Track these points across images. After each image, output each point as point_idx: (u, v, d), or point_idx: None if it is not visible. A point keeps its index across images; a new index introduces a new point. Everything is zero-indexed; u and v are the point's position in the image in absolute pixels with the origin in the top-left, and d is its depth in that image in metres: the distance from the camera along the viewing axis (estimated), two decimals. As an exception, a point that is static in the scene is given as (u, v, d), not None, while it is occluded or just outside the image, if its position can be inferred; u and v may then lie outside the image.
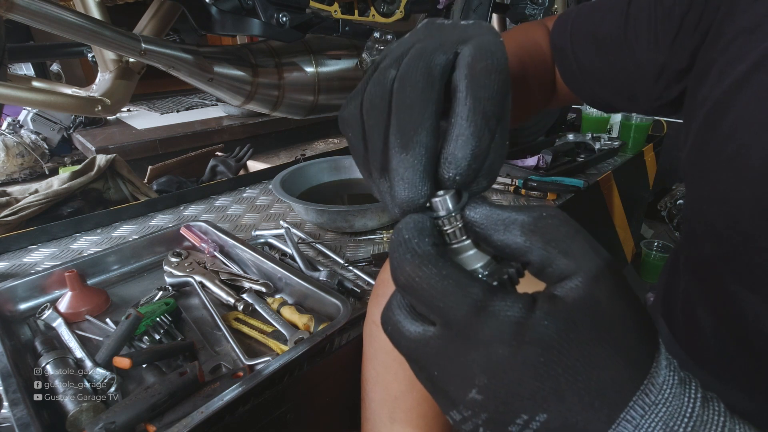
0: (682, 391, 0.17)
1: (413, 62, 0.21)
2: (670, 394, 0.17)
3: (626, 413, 0.16)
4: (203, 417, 0.41)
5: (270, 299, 0.62)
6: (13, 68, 2.00)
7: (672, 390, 0.17)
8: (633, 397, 0.16)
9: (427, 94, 0.20)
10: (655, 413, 0.16)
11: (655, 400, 0.17)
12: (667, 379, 0.17)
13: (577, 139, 1.27)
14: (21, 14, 0.57)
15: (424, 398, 0.42)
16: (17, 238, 0.80)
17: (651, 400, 0.17)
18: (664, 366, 0.17)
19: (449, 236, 0.21)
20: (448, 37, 0.22)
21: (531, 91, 0.48)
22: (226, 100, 0.87)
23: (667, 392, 0.17)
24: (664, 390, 0.17)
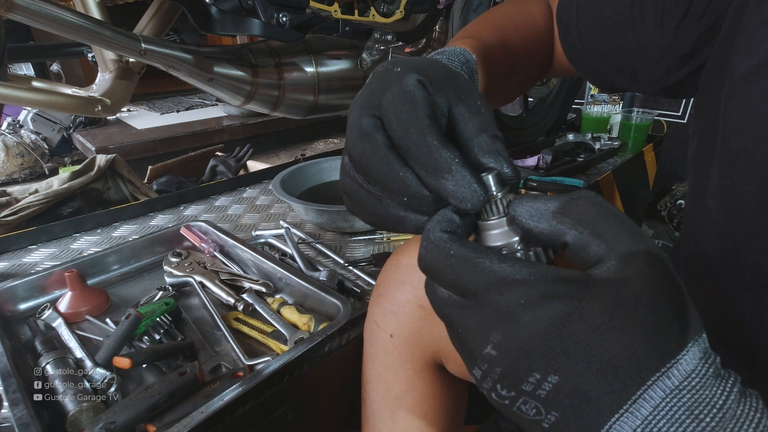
0: (716, 383, 0.17)
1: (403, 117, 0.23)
2: (699, 384, 0.16)
3: (644, 392, 0.16)
4: (203, 417, 0.41)
5: (270, 299, 0.61)
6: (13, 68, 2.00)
7: (702, 380, 0.16)
8: (651, 378, 0.16)
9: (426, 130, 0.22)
10: (678, 398, 0.16)
11: (679, 386, 0.16)
12: (699, 369, 0.17)
13: (577, 139, 1.27)
14: (21, 14, 0.57)
15: (425, 398, 0.42)
16: (17, 238, 0.80)
17: (674, 384, 0.16)
18: (698, 357, 0.17)
19: (487, 212, 0.22)
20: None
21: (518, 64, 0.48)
22: (226, 100, 0.87)
23: (695, 381, 0.16)
24: (692, 378, 0.16)
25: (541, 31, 0.49)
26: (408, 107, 0.23)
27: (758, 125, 0.29)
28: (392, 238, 0.81)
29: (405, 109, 0.23)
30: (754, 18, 0.30)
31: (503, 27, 0.47)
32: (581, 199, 0.20)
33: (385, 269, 0.43)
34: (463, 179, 0.21)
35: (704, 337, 0.18)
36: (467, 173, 0.21)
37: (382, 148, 0.23)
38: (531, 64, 0.50)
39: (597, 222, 0.19)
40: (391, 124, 0.23)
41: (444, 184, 0.21)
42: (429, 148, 0.22)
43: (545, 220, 0.20)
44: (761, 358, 0.33)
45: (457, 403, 0.45)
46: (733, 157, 0.31)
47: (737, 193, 0.31)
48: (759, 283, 0.31)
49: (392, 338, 0.42)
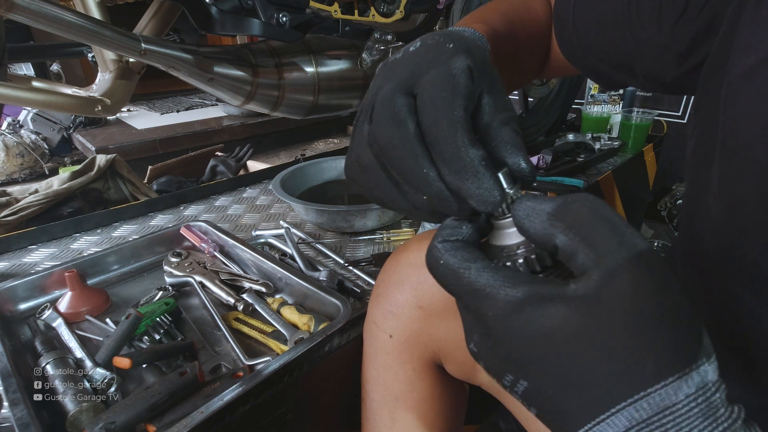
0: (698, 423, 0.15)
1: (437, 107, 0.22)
2: (673, 422, 0.16)
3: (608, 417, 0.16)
4: (203, 417, 0.41)
5: (270, 299, 0.61)
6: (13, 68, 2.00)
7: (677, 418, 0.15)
8: (618, 405, 0.16)
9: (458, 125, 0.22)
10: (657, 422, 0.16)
11: (647, 419, 0.16)
12: (682, 404, 0.16)
13: (577, 139, 1.27)
14: (21, 14, 0.57)
15: (424, 398, 0.42)
16: (17, 238, 0.80)
17: (641, 416, 0.16)
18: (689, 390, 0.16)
19: (497, 212, 0.23)
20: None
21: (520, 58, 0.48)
22: (226, 100, 0.87)
23: (667, 418, 0.15)
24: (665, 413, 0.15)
25: (542, 25, 0.49)
26: (447, 95, 0.22)
27: (757, 124, 0.29)
28: (392, 239, 0.81)
29: (444, 95, 0.22)
30: (752, 17, 0.30)
31: (510, 18, 0.46)
32: (576, 203, 0.19)
33: (384, 270, 0.43)
34: (486, 183, 0.21)
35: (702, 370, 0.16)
36: (490, 176, 0.21)
37: (412, 140, 0.23)
38: (531, 58, 0.50)
39: (589, 228, 0.18)
40: (424, 108, 0.23)
41: (466, 186, 0.22)
42: (457, 145, 0.21)
43: (539, 221, 0.20)
44: (759, 357, 0.33)
45: (456, 404, 0.45)
46: (731, 156, 0.31)
47: (736, 192, 0.31)
48: (757, 282, 0.31)
49: (391, 339, 0.42)
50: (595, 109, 1.44)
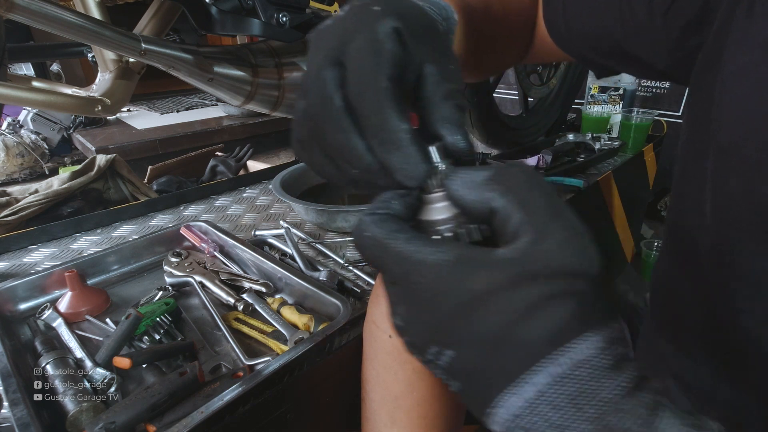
0: (608, 375, 0.16)
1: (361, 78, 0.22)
2: (588, 375, 0.16)
3: (528, 376, 0.16)
4: (203, 417, 0.41)
5: (270, 299, 0.61)
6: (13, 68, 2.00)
7: (593, 371, 0.16)
8: (537, 363, 0.16)
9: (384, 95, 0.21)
10: (561, 385, 0.16)
11: (565, 373, 0.16)
12: (593, 359, 0.16)
13: (577, 139, 1.27)
14: (21, 14, 0.57)
15: (424, 399, 0.42)
16: (17, 238, 0.80)
17: (559, 371, 0.16)
18: (596, 347, 0.17)
19: (429, 185, 0.22)
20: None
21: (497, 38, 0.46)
22: (226, 100, 0.87)
23: (584, 371, 0.16)
24: (581, 368, 0.16)
25: (524, 6, 0.47)
26: (371, 63, 0.21)
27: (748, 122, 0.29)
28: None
29: (368, 64, 0.21)
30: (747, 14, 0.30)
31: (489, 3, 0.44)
32: (513, 169, 0.20)
33: None
34: (410, 156, 0.21)
35: (615, 327, 0.17)
36: (415, 150, 0.21)
37: (338, 114, 0.22)
38: (511, 41, 0.48)
39: (525, 192, 0.19)
40: (350, 79, 0.22)
41: (391, 159, 0.21)
42: (382, 116, 0.21)
43: (475, 189, 0.20)
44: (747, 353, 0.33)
45: (456, 404, 0.45)
46: (721, 152, 0.31)
47: (725, 188, 0.31)
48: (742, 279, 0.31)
49: (391, 339, 0.42)
50: (595, 109, 1.44)
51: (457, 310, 0.18)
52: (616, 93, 1.43)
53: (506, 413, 0.17)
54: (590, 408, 0.16)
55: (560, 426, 0.16)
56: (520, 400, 0.17)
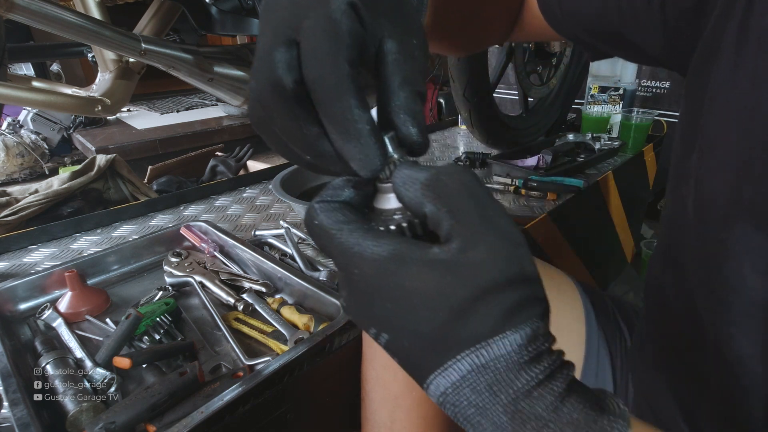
0: (523, 368, 0.18)
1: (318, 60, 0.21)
2: (505, 366, 0.18)
3: (453, 363, 0.19)
4: (203, 417, 0.41)
5: (270, 299, 0.62)
6: (13, 68, 2.00)
7: (509, 364, 0.18)
8: (460, 354, 0.18)
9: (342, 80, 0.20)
10: (481, 373, 0.18)
11: (485, 364, 0.18)
12: (510, 354, 0.18)
13: (577, 139, 1.27)
14: (21, 14, 0.57)
15: (424, 399, 0.42)
16: (17, 238, 0.80)
17: (480, 362, 0.18)
18: (515, 344, 0.18)
19: (382, 175, 0.22)
20: None
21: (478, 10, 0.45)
22: (226, 100, 0.87)
23: (501, 363, 0.18)
24: (498, 360, 0.18)
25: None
26: (329, 46, 0.20)
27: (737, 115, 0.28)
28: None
29: (325, 47, 0.20)
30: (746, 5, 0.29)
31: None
32: (446, 175, 0.20)
33: None
34: (367, 147, 0.21)
35: (538, 326, 0.19)
36: (373, 141, 0.21)
37: (289, 100, 0.21)
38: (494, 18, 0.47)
39: (456, 199, 0.20)
40: (306, 62, 0.21)
41: (348, 148, 0.21)
42: (341, 105, 0.20)
43: (413, 189, 0.21)
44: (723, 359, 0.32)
45: None
46: (708, 147, 0.30)
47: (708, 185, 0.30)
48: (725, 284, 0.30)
49: None
50: (595, 109, 1.44)
51: (390, 303, 0.20)
52: (616, 93, 1.43)
53: (436, 390, 0.20)
54: (504, 394, 0.18)
55: (479, 407, 0.19)
56: (446, 382, 0.19)
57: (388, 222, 0.22)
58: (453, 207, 0.20)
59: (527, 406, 0.18)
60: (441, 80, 2.60)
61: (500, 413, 0.19)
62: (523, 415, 0.18)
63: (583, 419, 0.18)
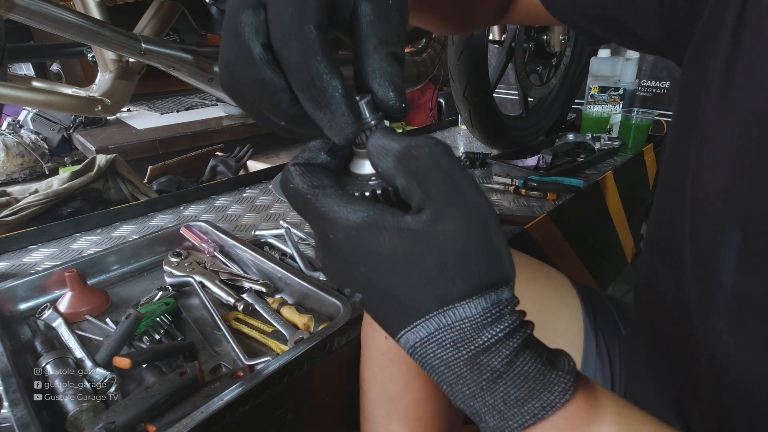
0: (485, 328, 0.20)
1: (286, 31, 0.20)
2: (468, 327, 0.20)
3: (422, 322, 0.20)
4: (203, 417, 0.41)
5: (270, 299, 0.62)
6: (13, 68, 2.00)
7: (472, 325, 0.20)
8: (428, 315, 0.20)
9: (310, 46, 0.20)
10: (447, 331, 0.20)
11: (450, 324, 0.20)
12: (475, 317, 0.20)
13: (577, 139, 1.27)
14: (21, 14, 0.57)
15: (419, 400, 0.42)
16: (17, 238, 0.80)
17: (446, 322, 0.20)
18: (480, 308, 0.20)
19: (359, 139, 0.23)
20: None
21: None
22: (226, 100, 0.87)
23: (465, 324, 0.20)
24: (463, 321, 0.20)
25: None
26: (294, 9, 0.19)
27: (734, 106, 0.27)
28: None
29: (290, 10, 0.19)
30: None
31: None
32: (421, 148, 0.20)
33: None
34: (340, 114, 0.21)
35: (500, 291, 0.21)
36: (345, 107, 0.21)
37: (258, 65, 0.20)
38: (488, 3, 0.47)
39: (426, 174, 0.20)
40: (272, 26, 0.20)
41: (320, 115, 0.21)
42: (310, 70, 0.20)
43: (387, 160, 0.21)
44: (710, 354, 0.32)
45: (452, 405, 0.45)
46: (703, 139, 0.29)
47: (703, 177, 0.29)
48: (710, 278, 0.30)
49: (387, 340, 0.42)
50: (595, 109, 1.44)
51: (363, 268, 0.21)
52: (616, 93, 1.43)
53: (406, 344, 0.21)
54: (465, 350, 0.20)
55: (445, 360, 0.20)
56: (416, 337, 0.21)
57: (363, 187, 0.23)
58: (423, 180, 0.20)
59: (485, 360, 0.20)
60: (441, 80, 2.60)
61: (461, 365, 0.20)
62: (480, 367, 0.20)
63: (533, 372, 0.20)
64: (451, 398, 0.22)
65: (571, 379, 0.20)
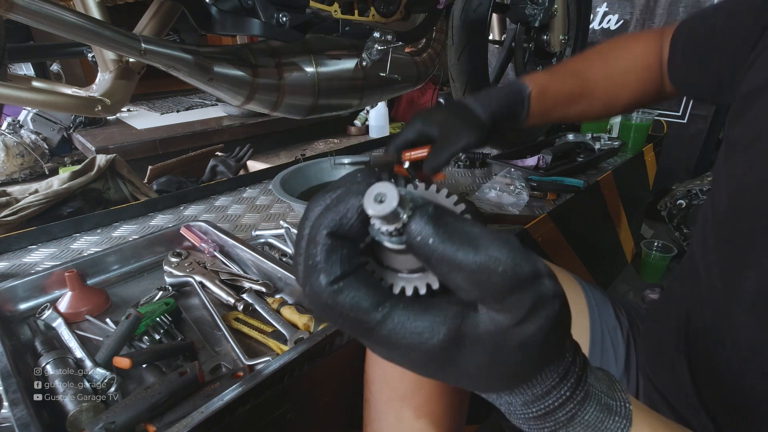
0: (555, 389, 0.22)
1: None
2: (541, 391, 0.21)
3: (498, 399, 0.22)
4: (203, 417, 0.41)
5: (270, 299, 0.61)
6: (13, 68, 2.00)
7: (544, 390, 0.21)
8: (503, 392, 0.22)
9: None
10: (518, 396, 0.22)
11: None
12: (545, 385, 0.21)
13: (577, 139, 1.27)
14: (21, 14, 0.56)
15: (431, 397, 0.42)
16: (17, 238, 0.80)
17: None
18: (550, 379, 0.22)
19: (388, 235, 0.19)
20: None
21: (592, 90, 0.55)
22: (226, 100, 0.87)
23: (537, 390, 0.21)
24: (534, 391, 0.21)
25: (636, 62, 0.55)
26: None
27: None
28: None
29: None
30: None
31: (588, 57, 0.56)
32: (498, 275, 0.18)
33: None
34: None
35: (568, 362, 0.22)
36: None
37: None
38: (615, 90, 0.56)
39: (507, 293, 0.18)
40: None
41: None
42: None
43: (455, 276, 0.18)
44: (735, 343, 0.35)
45: (460, 401, 0.45)
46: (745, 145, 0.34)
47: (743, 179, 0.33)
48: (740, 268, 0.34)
49: None
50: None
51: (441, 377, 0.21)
52: (616, 93, 1.43)
53: None
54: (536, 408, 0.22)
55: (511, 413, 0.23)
56: None
57: (400, 281, 0.20)
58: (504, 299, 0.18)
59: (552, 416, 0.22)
60: (441, 80, 2.60)
61: (530, 419, 0.22)
62: (545, 420, 0.22)
63: (592, 420, 0.22)
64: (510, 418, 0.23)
65: (627, 424, 0.22)
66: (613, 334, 0.53)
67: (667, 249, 1.60)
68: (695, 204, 1.66)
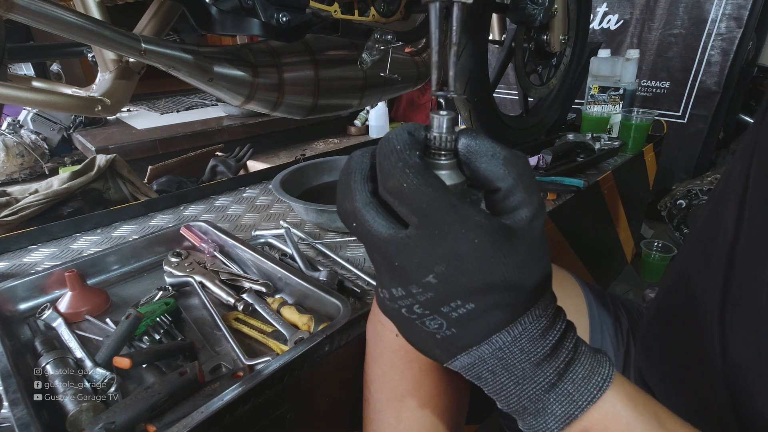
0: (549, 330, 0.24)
1: None
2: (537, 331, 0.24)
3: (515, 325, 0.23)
4: (203, 417, 0.41)
5: (270, 299, 0.61)
6: (13, 68, 2.00)
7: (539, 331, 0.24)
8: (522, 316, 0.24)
9: None
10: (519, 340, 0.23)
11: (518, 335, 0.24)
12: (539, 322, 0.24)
13: (577, 139, 1.27)
14: (21, 14, 0.56)
15: (431, 396, 0.42)
16: (17, 238, 0.80)
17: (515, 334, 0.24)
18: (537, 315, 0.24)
19: (439, 152, 0.25)
20: None
21: None
22: (226, 101, 0.87)
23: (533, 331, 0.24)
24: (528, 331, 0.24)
25: None
26: None
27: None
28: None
29: None
30: None
31: None
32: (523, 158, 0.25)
33: None
34: None
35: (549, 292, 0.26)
36: None
37: None
38: None
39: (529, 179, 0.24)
40: None
41: None
42: None
43: (495, 163, 0.24)
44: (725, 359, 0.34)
45: (460, 400, 0.45)
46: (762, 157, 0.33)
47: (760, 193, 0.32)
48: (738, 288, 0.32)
49: (398, 337, 0.42)
50: (595, 109, 1.44)
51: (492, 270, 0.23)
52: (616, 93, 1.43)
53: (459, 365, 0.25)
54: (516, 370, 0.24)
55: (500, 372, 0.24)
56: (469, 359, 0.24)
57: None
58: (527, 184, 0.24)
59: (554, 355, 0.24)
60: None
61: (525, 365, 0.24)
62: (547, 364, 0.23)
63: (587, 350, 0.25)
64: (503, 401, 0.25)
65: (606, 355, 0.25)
66: (612, 334, 0.53)
67: (667, 249, 1.60)
68: (695, 204, 1.66)
